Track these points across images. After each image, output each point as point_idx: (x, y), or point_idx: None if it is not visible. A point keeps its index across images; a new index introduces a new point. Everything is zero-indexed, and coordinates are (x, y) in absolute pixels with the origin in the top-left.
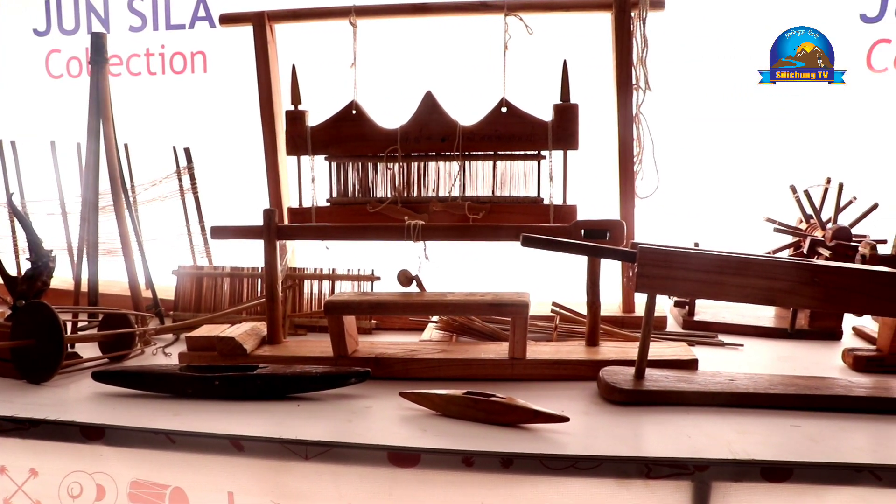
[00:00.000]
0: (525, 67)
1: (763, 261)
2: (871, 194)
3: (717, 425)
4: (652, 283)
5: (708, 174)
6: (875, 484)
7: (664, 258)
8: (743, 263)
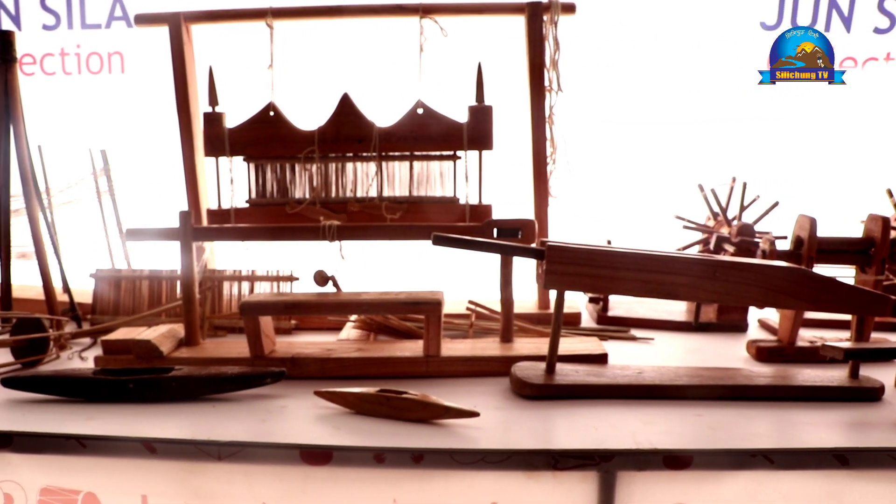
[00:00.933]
0: (442, 69)
1: (665, 257)
2: (777, 192)
3: (623, 417)
4: (560, 280)
5: (623, 174)
6: (768, 467)
7: (571, 255)
8: (646, 260)
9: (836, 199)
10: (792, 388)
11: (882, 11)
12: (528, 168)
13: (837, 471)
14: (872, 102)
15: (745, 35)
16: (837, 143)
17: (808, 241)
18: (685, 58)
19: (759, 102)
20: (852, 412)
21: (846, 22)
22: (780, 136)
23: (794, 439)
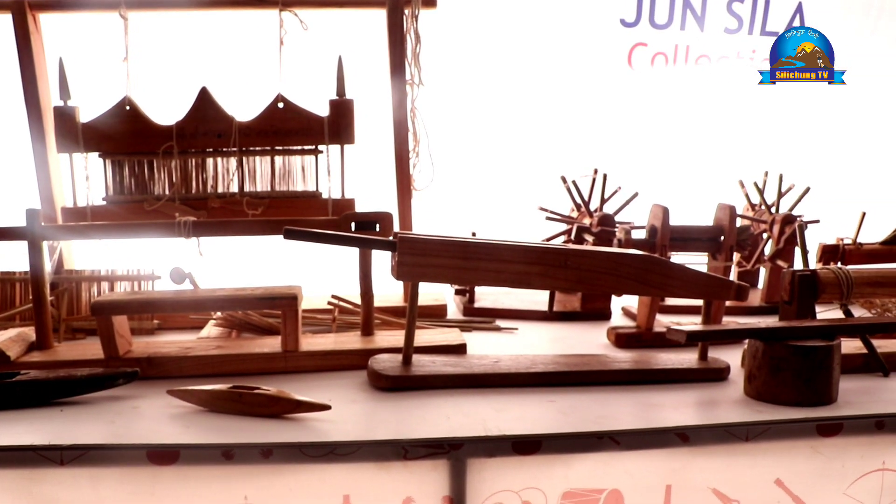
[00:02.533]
0: (305, 63)
1: (517, 247)
2: (638, 183)
3: (476, 405)
4: (412, 271)
5: (489, 166)
6: (615, 448)
7: (423, 247)
8: (498, 250)
9: (698, 187)
10: (646, 371)
11: (731, 13)
12: (391, 161)
13: (680, 448)
14: (725, 96)
15: (606, 31)
16: (696, 134)
17: (662, 229)
18: (548, 52)
19: (621, 95)
20: (701, 392)
21: (699, 21)
22: (642, 127)
23: (640, 420)
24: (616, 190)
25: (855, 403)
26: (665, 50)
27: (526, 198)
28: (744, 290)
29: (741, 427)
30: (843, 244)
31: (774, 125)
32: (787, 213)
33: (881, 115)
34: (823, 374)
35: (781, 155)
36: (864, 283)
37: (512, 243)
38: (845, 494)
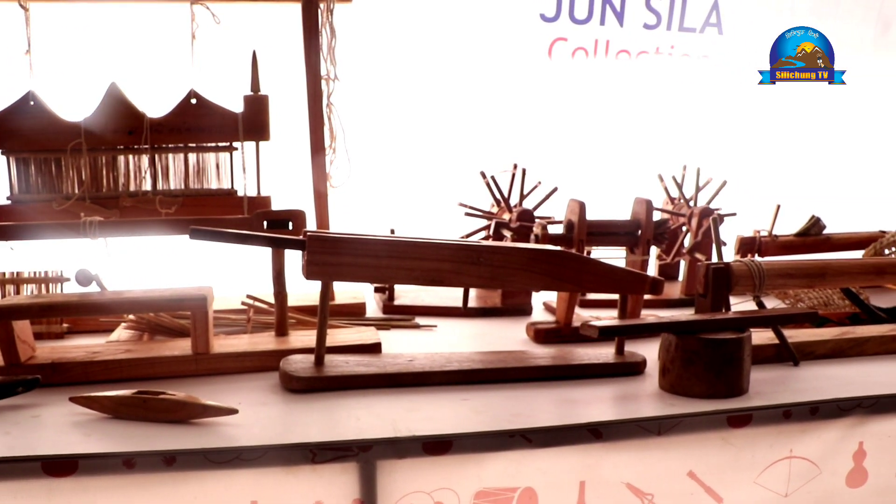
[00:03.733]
0: (219, 58)
1: (428, 244)
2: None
3: (389, 405)
4: (321, 270)
5: (409, 162)
6: (527, 446)
7: (332, 245)
8: (409, 247)
9: (618, 181)
10: (564, 367)
11: (650, 9)
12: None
13: (593, 444)
14: (645, 91)
15: (526, 26)
16: (616, 129)
17: (578, 224)
18: (467, 47)
19: (541, 90)
20: (617, 387)
21: (619, 17)
22: (563, 122)
23: (554, 417)
24: (536, 185)
25: (765, 394)
26: (585, 45)
27: (447, 194)
28: (659, 284)
29: (653, 421)
30: (760, 236)
31: (694, 119)
32: (705, 207)
33: (798, 110)
34: (734, 365)
35: (701, 149)
36: (776, 275)
37: (424, 240)
38: (756, 483)
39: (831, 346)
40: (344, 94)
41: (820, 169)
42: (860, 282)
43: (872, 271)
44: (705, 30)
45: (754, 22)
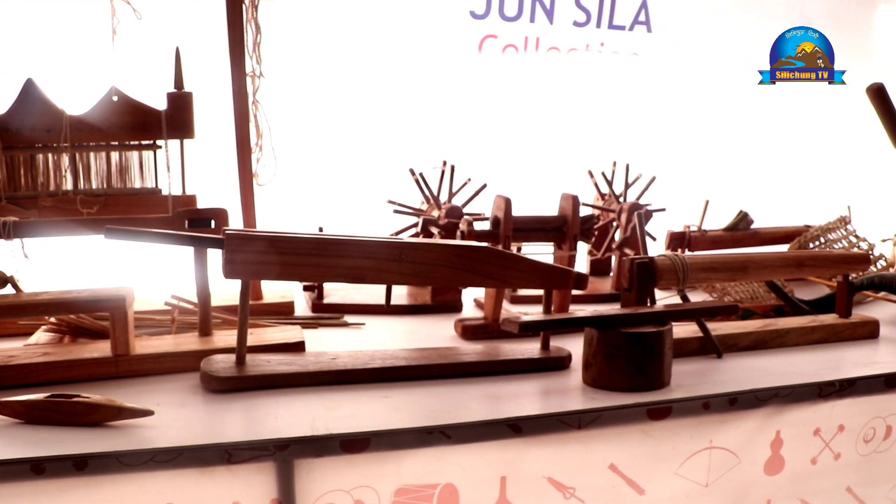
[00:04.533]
0: (142, 55)
1: (349, 241)
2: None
3: (309, 404)
4: (240, 269)
5: (339, 159)
6: (446, 443)
7: (250, 243)
8: (329, 244)
9: (550, 176)
10: (489, 363)
11: (579, 7)
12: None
13: (513, 439)
14: (575, 88)
15: (456, 23)
16: (547, 125)
17: (504, 220)
18: (397, 44)
19: (472, 87)
20: (542, 382)
21: (549, 14)
22: (494, 118)
23: (473, 413)
24: (466, 182)
25: (686, 386)
26: (515, 42)
27: (377, 191)
28: (583, 279)
29: (573, 415)
30: (690, 231)
31: (624, 116)
32: (634, 203)
33: (727, 108)
34: (654, 359)
35: (631, 145)
36: (699, 269)
37: (344, 238)
38: (676, 474)
39: (754, 338)
40: (271, 91)
41: (749, 165)
42: (781, 275)
43: (793, 264)
44: (634, 28)
45: (682, 20)
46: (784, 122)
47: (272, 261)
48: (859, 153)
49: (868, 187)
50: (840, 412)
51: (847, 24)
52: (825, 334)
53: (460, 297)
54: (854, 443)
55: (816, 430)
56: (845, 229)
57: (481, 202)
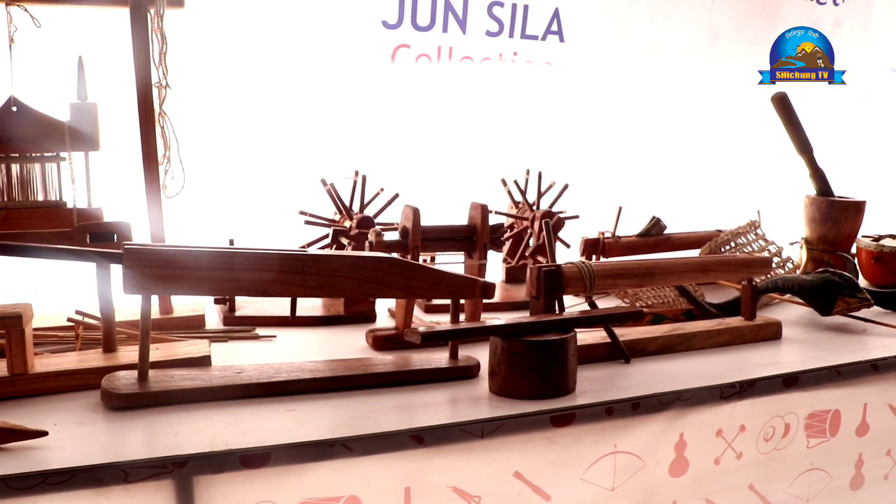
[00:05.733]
0: (43, 64)
1: (251, 254)
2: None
3: (211, 419)
4: (140, 284)
5: (252, 170)
6: (348, 455)
7: (150, 258)
8: (230, 258)
9: (463, 185)
10: (398, 373)
11: (492, 17)
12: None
13: (416, 449)
14: (489, 97)
15: (368, 32)
16: (460, 134)
17: (413, 230)
18: (309, 54)
19: (385, 96)
20: (449, 391)
21: (461, 24)
22: (407, 128)
23: (378, 424)
24: (378, 192)
25: (591, 392)
26: (428, 51)
27: (290, 202)
28: (489, 288)
29: (476, 424)
30: (604, 238)
31: (538, 124)
32: (547, 210)
33: (639, 115)
34: (558, 366)
35: (546, 152)
36: (606, 276)
37: (246, 251)
38: (582, 479)
39: (661, 343)
40: (179, 102)
41: (663, 171)
42: (687, 279)
43: (698, 269)
44: (547, 37)
45: (594, 30)
46: (696, 129)
47: (173, 275)
48: (768, 159)
49: (776, 192)
50: (741, 413)
51: (753, 35)
52: (731, 337)
53: (374, 307)
54: (755, 442)
55: (719, 431)
56: (755, 233)
57: (395, 212)
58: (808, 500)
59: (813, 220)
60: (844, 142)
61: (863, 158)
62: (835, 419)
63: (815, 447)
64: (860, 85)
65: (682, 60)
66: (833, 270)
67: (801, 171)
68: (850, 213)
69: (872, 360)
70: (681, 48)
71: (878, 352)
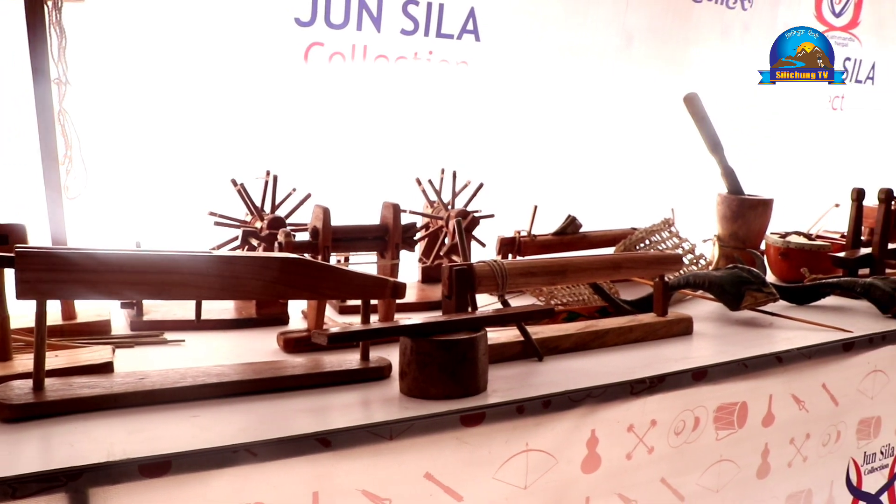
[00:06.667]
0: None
1: (152, 255)
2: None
3: (111, 428)
4: (35, 288)
5: (161, 170)
6: (252, 461)
7: (44, 261)
8: (130, 260)
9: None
10: (307, 376)
11: (407, 15)
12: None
13: (323, 453)
14: (404, 96)
15: (280, 30)
16: (376, 133)
17: (323, 230)
18: (219, 51)
19: (298, 95)
20: (361, 393)
21: (376, 23)
22: (321, 126)
23: (283, 429)
24: (290, 192)
25: (502, 391)
26: (342, 50)
27: (200, 203)
28: (400, 288)
29: (384, 426)
30: (520, 236)
31: (454, 124)
32: (462, 209)
33: (556, 116)
34: (468, 365)
35: (462, 151)
36: (518, 274)
37: (146, 252)
38: (494, 479)
39: (575, 340)
40: (81, 99)
41: (579, 170)
42: (600, 277)
43: (610, 266)
44: (463, 36)
45: (510, 30)
46: (612, 128)
47: (69, 279)
48: (682, 159)
49: (691, 191)
50: (652, 408)
51: (666, 37)
52: (643, 333)
53: (286, 309)
54: (666, 436)
55: (630, 427)
56: (669, 231)
57: (307, 213)
58: (718, 491)
59: (724, 217)
60: (754, 141)
61: (772, 157)
62: (742, 411)
63: (724, 439)
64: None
65: (598, 60)
66: (742, 266)
67: (713, 170)
68: (759, 210)
69: (777, 352)
70: (596, 48)
71: (782, 344)
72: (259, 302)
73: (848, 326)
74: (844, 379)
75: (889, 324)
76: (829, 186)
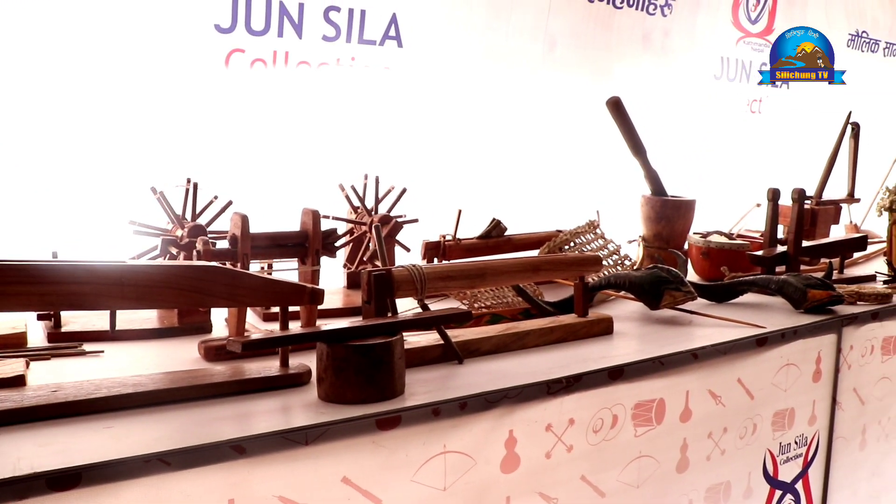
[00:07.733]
0: None
1: (61, 265)
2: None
3: (19, 442)
4: None
5: (79, 178)
6: (166, 470)
7: None
8: (37, 270)
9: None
10: (225, 384)
11: (328, 22)
12: None
13: (238, 460)
14: (327, 102)
15: (200, 37)
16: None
17: (242, 238)
18: (138, 57)
19: (218, 102)
20: (279, 400)
21: (297, 29)
22: (243, 133)
23: (196, 437)
24: (211, 200)
25: (419, 394)
26: (263, 56)
27: (121, 212)
28: (318, 294)
29: (299, 432)
30: (445, 240)
31: (376, 129)
32: (384, 215)
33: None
34: (384, 369)
35: (386, 157)
36: (437, 278)
37: (54, 263)
38: (413, 481)
39: (495, 342)
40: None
41: (503, 173)
42: (520, 279)
43: (529, 269)
44: (385, 42)
45: (432, 35)
46: (536, 133)
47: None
48: (607, 161)
49: (616, 193)
50: (569, 407)
51: (588, 42)
52: (564, 334)
53: (209, 317)
54: (584, 434)
55: (548, 426)
56: (594, 233)
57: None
58: (639, 486)
59: (648, 218)
60: (677, 144)
61: (694, 159)
62: (660, 407)
63: (643, 435)
64: (686, 90)
65: (521, 66)
66: (661, 266)
67: (638, 172)
68: (682, 211)
69: (692, 349)
70: (519, 54)
71: (699, 341)
72: (180, 311)
73: (762, 322)
74: (759, 373)
75: (801, 319)
76: (750, 187)
